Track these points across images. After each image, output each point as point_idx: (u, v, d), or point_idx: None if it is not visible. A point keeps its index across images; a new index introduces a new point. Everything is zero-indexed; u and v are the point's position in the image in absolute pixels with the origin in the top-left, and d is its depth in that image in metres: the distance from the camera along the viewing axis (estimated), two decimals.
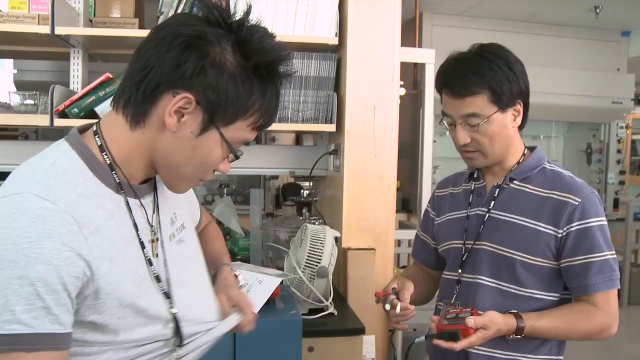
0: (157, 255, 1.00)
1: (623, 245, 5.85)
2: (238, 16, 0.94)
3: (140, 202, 0.99)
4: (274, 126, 2.36)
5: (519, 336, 1.35)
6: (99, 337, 0.90)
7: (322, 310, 2.02)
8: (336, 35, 2.36)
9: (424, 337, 1.35)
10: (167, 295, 0.99)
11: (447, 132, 1.50)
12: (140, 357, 0.96)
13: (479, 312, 1.34)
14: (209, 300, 1.12)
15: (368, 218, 2.41)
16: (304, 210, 2.88)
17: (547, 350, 1.44)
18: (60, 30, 2.18)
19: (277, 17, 2.32)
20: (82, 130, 0.99)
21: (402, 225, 4.74)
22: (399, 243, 3.88)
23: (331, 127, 2.38)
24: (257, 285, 1.65)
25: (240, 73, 0.91)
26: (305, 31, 2.34)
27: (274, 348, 1.57)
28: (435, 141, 3.90)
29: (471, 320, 1.27)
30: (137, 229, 0.96)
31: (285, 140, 5.54)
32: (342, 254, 2.32)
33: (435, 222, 1.64)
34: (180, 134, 0.92)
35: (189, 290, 1.06)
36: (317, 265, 2.00)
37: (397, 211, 2.69)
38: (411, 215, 5.31)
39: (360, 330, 1.94)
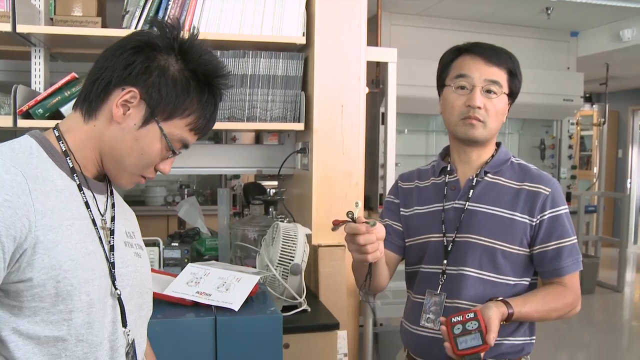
0: (109, 242, 1.08)
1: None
2: (186, 35, 1.10)
3: (93, 194, 1.08)
4: (243, 124, 2.37)
5: (506, 322, 1.40)
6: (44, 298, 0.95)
7: (296, 307, 2.04)
8: (303, 35, 2.38)
9: None
10: (113, 277, 1.05)
11: (405, 130, 1.54)
12: (89, 328, 1.00)
13: (477, 307, 1.37)
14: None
15: (337, 215, 2.43)
16: (270, 209, 2.90)
17: (523, 332, 1.52)
18: (21, 29, 2.13)
19: (244, 16, 2.32)
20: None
21: None
22: None
23: (300, 126, 2.40)
24: (236, 283, 1.66)
25: (180, 77, 1.05)
26: (272, 31, 2.36)
27: (255, 345, 1.58)
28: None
29: (492, 340, 1.31)
30: (88, 209, 1.04)
31: (245, 139, 5.52)
32: (313, 251, 2.34)
33: (403, 214, 1.65)
34: (125, 125, 1.05)
35: (131, 295, 1.11)
36: (290, 263, 2.02)
37: None
38: (372, 212, 5.38)
39: (335, 326, 1.97)
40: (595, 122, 7.70)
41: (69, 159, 1.04)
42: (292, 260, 2.02)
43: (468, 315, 1.33)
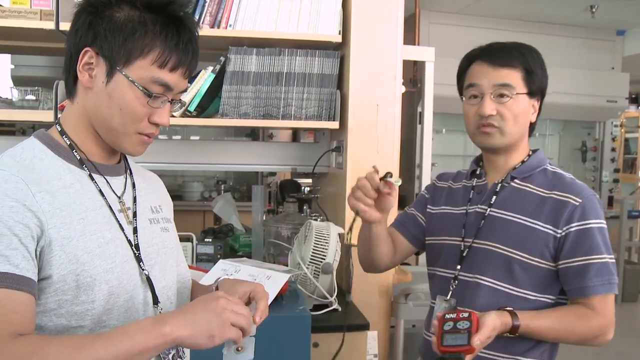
0: (130, 223, 1.08)
1: (617, 243, 5.91)
2: None
3: (105, 179, 1.08)
4: (278, 122, 2.37)
5: (512, 335, 1.31)
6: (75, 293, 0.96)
7: (326, 306, 2.03)
8: (339, 33, 2.37)
9: None
10: (139, 259, 1.06)
11: (443, 130, 1.52)
12: (109, 314, 1.00)
13: (476, 312, 1.28)
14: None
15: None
16: (304, 207, 2.90)
17: (539, 354, 1.41)
18: (64, 26, 2.18)
19: (281, 14, 2.32)
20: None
21: None
22: None
23: (334, 125, 2.39)
24: (266, 280, 1.66)
25: (124, 19, 1.02)
26: (309, 29, 2.35)
27: (284, 343, 1.58)
28: (432, 138, 3.92)
29: (477, 342, 1.22)
30: (104, 197, 1.05)
31: (282, 136, 5.55)
32: (345, 251, 2.33)
33: (429, 210, 1.63)
34: (95, 87, 1.03)
35: (162, 271, 1.12)
36: (321, 262, 2.02)
37: None
38: None
39: (365, 326, 1.95)
40: None
41: (75, 152, 1.05)
42: (324, 259, 2.02)
43: (462, 315, 1.27)
